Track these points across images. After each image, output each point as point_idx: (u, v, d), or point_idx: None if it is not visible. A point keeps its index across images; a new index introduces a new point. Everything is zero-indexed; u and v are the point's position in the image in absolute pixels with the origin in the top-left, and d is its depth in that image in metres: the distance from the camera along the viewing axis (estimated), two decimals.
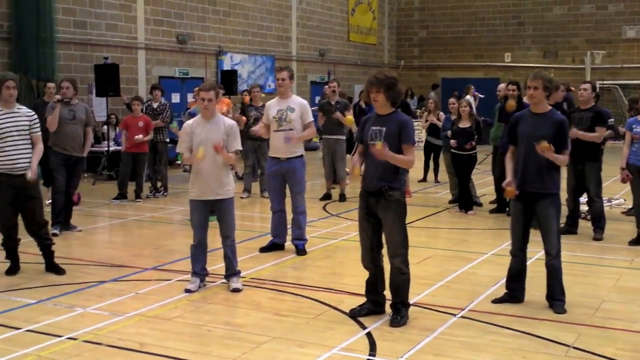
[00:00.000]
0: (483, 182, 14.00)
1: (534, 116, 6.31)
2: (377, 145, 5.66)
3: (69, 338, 5.56)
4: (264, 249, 8.55)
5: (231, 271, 7.02)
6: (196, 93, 7.14)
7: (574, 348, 5.39)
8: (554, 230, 6.25)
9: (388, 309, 6.07)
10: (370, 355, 5.23)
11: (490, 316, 6.11)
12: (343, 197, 12.46)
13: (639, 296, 6.84)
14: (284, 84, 8.31)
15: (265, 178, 10.06)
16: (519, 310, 6.27)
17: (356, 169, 6.03)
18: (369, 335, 5.64)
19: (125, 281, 7.29)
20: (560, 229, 9.21)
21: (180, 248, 8.57)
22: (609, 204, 11.29)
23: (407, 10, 30.12)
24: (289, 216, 8.59)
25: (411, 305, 6.13)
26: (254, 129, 8.74)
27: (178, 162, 16.53)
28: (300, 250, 8.46)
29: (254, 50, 22.12)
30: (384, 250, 6.00)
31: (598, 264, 8.18)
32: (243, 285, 7.00)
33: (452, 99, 12.35)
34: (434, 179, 14.97)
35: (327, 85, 12.83)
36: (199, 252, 6.97)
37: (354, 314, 6.08)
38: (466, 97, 16.86)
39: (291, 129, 8.29)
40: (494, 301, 6.50)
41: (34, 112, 7.58)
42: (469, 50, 28.68)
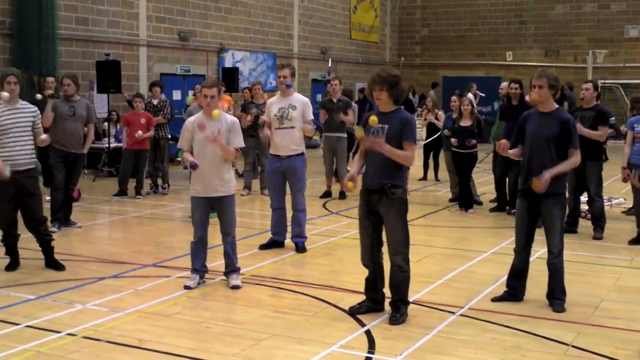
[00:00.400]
0: (483, 181, 13.99)
1: (540, 115, 6.29)
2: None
3: (68, 334, 5.56)
4: (263, 246, 8.55)
5: (231, 268, 7.03)
6: (198, 90, 7.14)
7: (573, 347, 5.39)
8: (557, 229, 6.25)
9: (387, 307, 6.07)
10: (369, 352, 5.24)
11: (490, 314, 6.12)
12: (343, 195, 12.46)
13: (638, 295, 6.83)
14: (285, 81, 8.31)
15: (266, 175, 10.05)
16: (518, 309, 6.27)
17: (350, 184, 5.85)
18: (368, 332, 5.65)
19: (125, 277, 7.29)
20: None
21: (180, 245, 8.57)
22: (609, 203, 11.28)
23: (409, 9, 30.10)
24: (289, 214, 8.59)
25: (411, 303, 6.13)
26: (265, 135, 8.58)
27: (179, 159, 16.53)
28: (300, 248, 8.47)
29: (256, 48, 22.11)
30: (384, 248, 6.00)
31: (598, 263, 8.17)
32: (242, 282, 7.00)
33: (454, 97, 12.35)
34: (434, 177, 14.97)
35: (329, 83, 12.82)
36: (199, 249, 6.97)
37: (354, 312, 6.09)
38: (468, 96, 16.87)
39: (292, 127, 8.29)
40: (493, 299, 6.50)
41: (37, 109, 7.61)
42: (471, 48, 28.65)
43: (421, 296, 6.62)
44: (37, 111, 7.55)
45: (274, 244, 8.58)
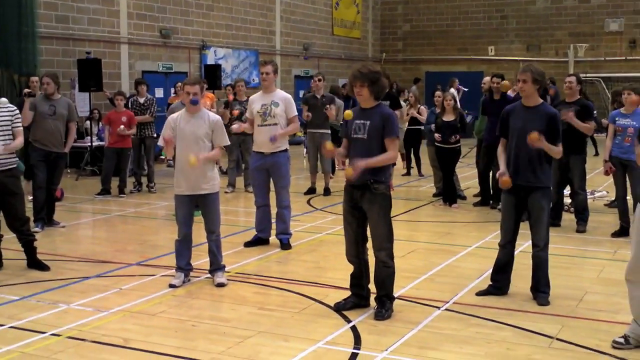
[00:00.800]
0: (467, 176, 14.04)
1: (525, 110, 6.30)
2: (347, 172, 5.69)
3: (52, 334, 5.53)
4: (248, 244, 8.54)
5: (216, 266, 7.01)
6: (181, 87, 7.11)
7: (558, 339, 5.42)
8: (544, 222, 6.27)
9: (372, 303, 6.08)
10: (355, 348, 5.24)
11: (475, 309, 6.14)
12: (327, 191, 12.47)
13: (621, 288, 6.82)
14: (268, 78, 8.29)
15: (250, 173, 10.04)
16: (503, 303, 6.29)
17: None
18: (353, 328, 5.65)
19: (109, 277, 7.26)
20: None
21: (165, 243, 8.54)
22: (591, 197, 11.35)
23: (391, 4, 30.14)
24: (274, 210, 8.58)
25: (396, 298, 6.14)
26: (233, 127, 8.68)
27: (162, 157, 16.47)
28: (285, 245, 8.46)
29: (238, 45, 22.06)
30: (369, 244, 6.01)
31: (581, 256, 8.23)
32: (228, 279, 6.99)
33: (438, 92, 12.37)
34: (417, 173, 15.00)
35: (312, 80, 12.81)
36: (183, 247, 6.95)
37: (339, 308, 6.09)
38: (450, 90, 16.93)
39: (275, 124, 8.28)
40: (478, 294, 6.52)
41: (15, 107, 7.54)
42: (453, 43, 28.73)
43: (406, 291, 6.63)
44: (16, 110, 7.48)
45: (259, 241, 8.57)
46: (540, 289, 6.34)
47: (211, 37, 20.89)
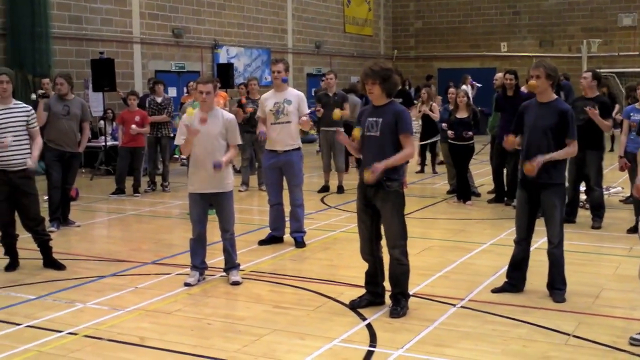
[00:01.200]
0: (481, 172, 13.99)
1: (539, 105, 6.27)
2: (366, 175, 5.68)
3: (69, 333, 5.56)
4: (262, 242, 8.55)
5: (230, 264, 7.02)
6: (192, 87, 7.12)
7: (574, 336, 5.40)
8: (557, 219, 6.24)
9: (388, 300, 6.07)
10: (370, 346, 5.24)
11: (490, 306, 6.12)
12: (341, 189, 12.46)
13: (637, 284, 6.79)
14: (280, 76, 8.30)
15: (263, 171, 10.05)
16: (519, 300, 6.27)
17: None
18: (369, 326, 5.65)
19: (125, 276, 7.28)
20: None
21: (179, 242, 8.56)
22: (607, 193, 11.28)
23: (403, 1, 30.07)
24: (287, 209, 8.58)
25: (411, 296, 6.13)
26: (262, 133, 8.52)
27: (176, 156, 16.52)
28: (299, 243, 8.46)
29: (250, 43, 22.08)
30: (383, 242, 6.00)
31: (597, 253, 8.18)
32: (242, 278, 7.00)
33: (452, 89, 12.32)
34: (431, 170, 14.97)
35: (325, 77, 12.81)
36: (198, 246, 6.96)
37: (354, 306, 6.08)
38: (462, 87, 16.86)
39: (288, 122, 8.28)
40: (493, 291, 6.50)
41: (31, 108, 7.58)
42: (465, 40, 28.65)
43: (421, 289, 6.62)
44: (31, 110, 7.51)
45: (273, 239, 8.58)
46: (556, 286, 6.31)
47: (223, 36, 20.92)
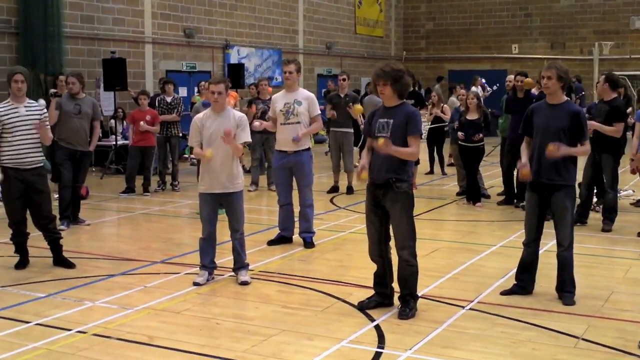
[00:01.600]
0: (491, 174, 13.96)
1: (550, 107, 6.26)
2: (379, 141, 5.67)
3: (78, 331, 5.58)
4: (272, 242, 8.56)
5: (240, 264, 7.03)
6: (204, 87, 7.13)
7: (583, 340, 5.38)
8: (568, 221, 6.22)
9: (396, 302, 6.07)
10: (378, 347, 5.24)
11: (499, 308, 6.11)
12: (350, 190, 12.46)
13: None
14: (291, 77, 8.30)
15: (272, 171, 10.06)
16: (528, 302, 6.26)
17: (363, 174, 5.91)
18: (377, 327, 5.64)
19: (134, 274, 7.31)
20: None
21: (189, 241, 8.58)
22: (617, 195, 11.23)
23: (414, 2, 30.03)
24: (297, 209, 8.59)
25: (419, 297, 6.12)
26: (254, 125, 8.66)
27: (186, 156, 16.55)
28: (308, 243, 8.46)
29: (261, 44, 22.10)
30: (392, 243, 6.00)
31: (607, 256, 8.15)
32: (251, 278, 7.01)
33: (462, 91, 12.30)
34: (440, 172, 14.95)
35: (337, 78, 12.83)
36: (207, 246, 6.98)
37: (362, 307, 6.08)
38: (472, 89, 16.85)
39: (298, 122, 8.30)
40: (502, 293, 6.49)
41: (44, 107, 7.63)
42: (476, 42, 28.58)
43: (430, 290, 6.61)
44: (44, 109, 7.58)
45: (282, 239, 8.59)
46: (565, 288, 6.29)
47: (234, 37, 20.95)
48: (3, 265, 7.61)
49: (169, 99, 12.99)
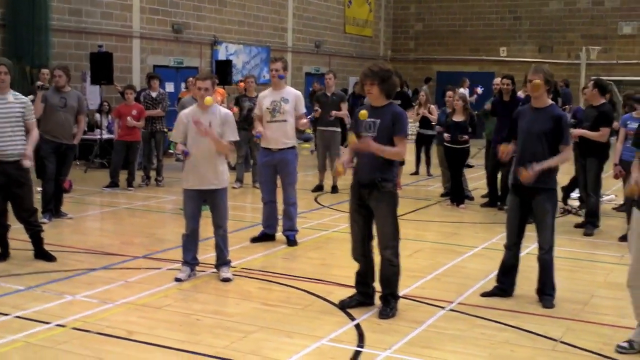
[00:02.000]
0: (476, 177, 14.01)
1: (534, 111, 6.29)
2: (351, 138, 5.71)
3: (57, 325, 5.55)
4: (255, 240, 8.55)
5: (222, 261, 7.02)
6: (192, 83, 7.10)
7: (562, 342, 5.41)
8: (549, 225, 6.25)
9: (377, 301, 6.08)
10: (358, 346, 5.24)
11: (479, 309, 6.13)
12: (335, 189, 12.45)
13: (628, 292, 6.84)
14: (277, 74, 8.29)
15: (257, 169, 10.04)
16: (508, 304, 6.28)
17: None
18: (357, 326, 5.65)
19: (116, 269, 7.28)
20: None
21: (172, 237, 8.56)
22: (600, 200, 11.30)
23: (404, 3, 30.08)
24: (281, 207, 8.58)
25: (400, 297, 6.14)
26: (258, 132, 8.50)
27: (170, 151, 16.49)
28: (291, 241, 8.46)
29: (250, 41, 22.06)
30: (375, 242, 6.01)
31: (588, 259, 8.19)
32: (233, 275, 7.00)
33: (450, 92, 12.32)
34: (426, 172, 14.97)
35: (324, 77, 12.82)
36: (190, 242, 6.96)
37: (343, 305, 6.09)
38: (460, 90, 16.87)
39: (284, 120, 8.29)
40: (483, 295, 6.51)
41: (27, 100, 7.56)
42: (465, 44, 28.66)
43: (411, 290, 6.63)
44: (29, 102, 7.51)
45: (265, 237, 8.58)
46: (545, 291, 6.32)
47: (223, 33, 20.90)
48: None
49: (154, 94, 12.95)
